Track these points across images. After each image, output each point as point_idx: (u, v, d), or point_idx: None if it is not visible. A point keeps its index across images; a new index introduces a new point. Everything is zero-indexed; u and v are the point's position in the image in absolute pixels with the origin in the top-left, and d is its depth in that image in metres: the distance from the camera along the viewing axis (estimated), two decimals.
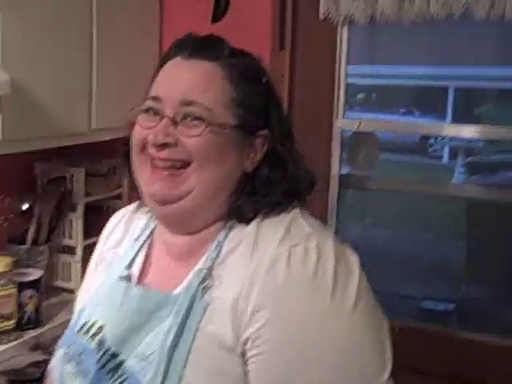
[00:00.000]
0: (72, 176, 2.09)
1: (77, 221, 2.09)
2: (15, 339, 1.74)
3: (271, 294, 0.86)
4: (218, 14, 2.11)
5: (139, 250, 1.06)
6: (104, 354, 0.94)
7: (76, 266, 2.10)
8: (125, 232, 1.12)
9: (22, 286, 1.79)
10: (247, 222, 0.96)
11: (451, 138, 4.28)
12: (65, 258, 2.13)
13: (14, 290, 1.75)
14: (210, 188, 0.95)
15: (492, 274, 2.53)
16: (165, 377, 0.86)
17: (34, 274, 1.86)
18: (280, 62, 2.00)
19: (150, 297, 0.96)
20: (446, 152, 4.78)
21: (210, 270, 0.93)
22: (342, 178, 2.12)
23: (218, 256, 0.94)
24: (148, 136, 0.95)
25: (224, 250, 0.95)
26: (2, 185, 2.05)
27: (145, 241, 1.07)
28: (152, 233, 1.08)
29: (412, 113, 4.55)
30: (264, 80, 1.02)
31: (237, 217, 0.97)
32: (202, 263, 0.95)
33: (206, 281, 0.92)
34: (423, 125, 2.22)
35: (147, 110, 0.97)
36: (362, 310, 0.87)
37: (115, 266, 1.06)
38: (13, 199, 2.06)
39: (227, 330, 0.87)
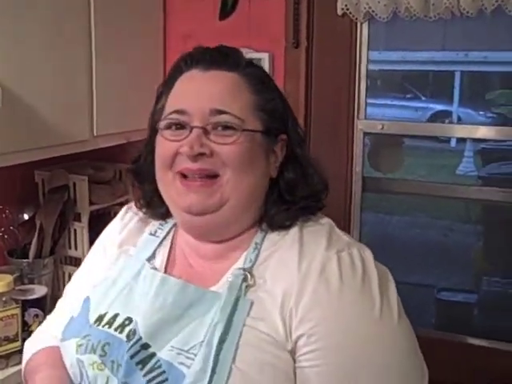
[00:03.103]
0: (75, 184, 1.99)
1: (82, 230, 2.00)
2: (21, 362, 1.66)
3: (325, 295, 0.90)
4: (226, 10, 1.99)
5: (159, 246, 1.07)
6: (133, 344, 0.93)
7: None
8: (141, 228, 1.12)
9: (25, 305, 1.71)
10: (284, 228, 0.99)
11: (460, 121, 4.16)
12: (71, 269, 2.04)
13: (17, 310, 1.65)
14: (245, 196, 0.98)
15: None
16: (214, 370, 0.87)
17: (38, 290, 1.78)
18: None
19: (188, 291, 0.97)
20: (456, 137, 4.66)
21: (251, 270, 0.96)
22: (365, 181, 2.03)
23: (257, 257, 0.97)
24: (180, 148, 0.96)
25: (264, 253, 0.98)
26: (1, 194, 1.96)
27: (164, 237, 1.08)
28: (171, 229, 1.09)
29: (419, 98, 4.45)
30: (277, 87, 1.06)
31: (271, 225, 1.00)
32: (241, 263, 0.97)
33: (247, 280, 0.94)
34: (453, 127, 2.09)
35: (171, 125, 0.98)
36: (405, 319, 0.94)
37: (132, 259, 1.06)
38: (13, 210, 1.96)
39: (276, 327, 0.90)
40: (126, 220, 1.15)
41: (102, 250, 1.17)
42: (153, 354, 0.91)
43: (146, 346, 0.92)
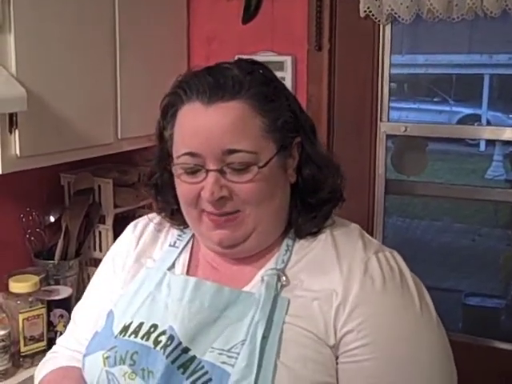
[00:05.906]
0: (100, 187, 2.02)
1: (106, 233, 2.03)
2: None
3: (371, 292, 0.93)
4: (249, 13, 1.99)
5: (179, 256, 1.08)
6: (174, 349, 0.94)
7: None
8: (154, 239, 1.13)
9: (51, 305, 1.74)
10: (312, 235, 1.01)
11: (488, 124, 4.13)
12: (95, 271, 2.04)
13: (42, 310, 1.69)
14: (271, 220, 0.99)
15: None
16: (260, 365, 0.88)
17: (63, 291, 1.81)
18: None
19: (223, 293, 0.98)
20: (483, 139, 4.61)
21: (283, 270, 0.98)
22: (388, 183, 2.02)
23: (289, 259, 0.99)
24: (201, 192, 0.96)
25: (295, 255, 1.00)
26: (28, 197, 1.99)
27: (184, 247, 1.09)
28: (190, 239, 1.10)
29: (446, 101, 4.42)
30: (279, 84, 1.02)
31: (299, 234, 1.01)
32: (273, 264, 0.99)
33: (280, 280, 0.96)
34: (477, 128, 2.07)
35: (186, 170, 0.97)
36: (440, 321, 0.97)
37: (153, 270, 1.07)
38: (39, 212, 1.99)
39: (317, 324, 0.92)
40: (138, 233, 1.15)
41: (112, 268, 1.15)
42: (193, 357, 0.93)
43: (186, 350, 0.94)
